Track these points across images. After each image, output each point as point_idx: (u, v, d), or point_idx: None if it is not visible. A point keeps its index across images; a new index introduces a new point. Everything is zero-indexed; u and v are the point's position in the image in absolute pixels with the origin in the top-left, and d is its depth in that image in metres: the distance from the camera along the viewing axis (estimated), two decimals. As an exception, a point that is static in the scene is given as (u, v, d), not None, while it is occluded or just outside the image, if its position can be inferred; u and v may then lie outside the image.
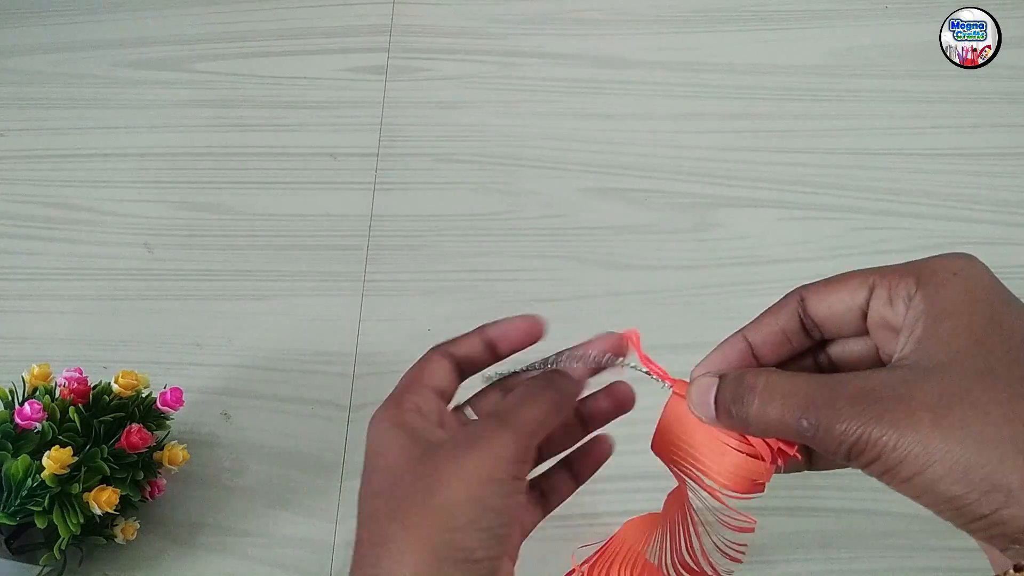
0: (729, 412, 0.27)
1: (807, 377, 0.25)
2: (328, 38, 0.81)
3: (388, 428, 0.29)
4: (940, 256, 0.25)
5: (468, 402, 0.33)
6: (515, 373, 0.33)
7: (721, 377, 0.28)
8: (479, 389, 0.34)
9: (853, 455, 0.23)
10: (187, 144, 0.74)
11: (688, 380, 0.30)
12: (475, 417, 0.33)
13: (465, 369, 0.33)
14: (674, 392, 0.30)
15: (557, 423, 0.30)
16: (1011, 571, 0.20)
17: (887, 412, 0.22)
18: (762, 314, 0.29)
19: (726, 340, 0.30)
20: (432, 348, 0.32)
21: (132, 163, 0.73)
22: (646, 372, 0.31)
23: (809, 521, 0.53)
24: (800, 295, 0.28)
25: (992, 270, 0.24)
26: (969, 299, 0.23)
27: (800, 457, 0.28)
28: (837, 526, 0.52)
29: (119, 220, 0.70)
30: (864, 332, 0.27)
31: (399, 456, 0.28)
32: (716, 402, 0.28)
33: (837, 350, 0.30)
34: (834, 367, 0.30)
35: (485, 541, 0.26)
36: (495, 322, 0.33)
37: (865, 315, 0.26)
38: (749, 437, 0.28)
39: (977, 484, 0.20)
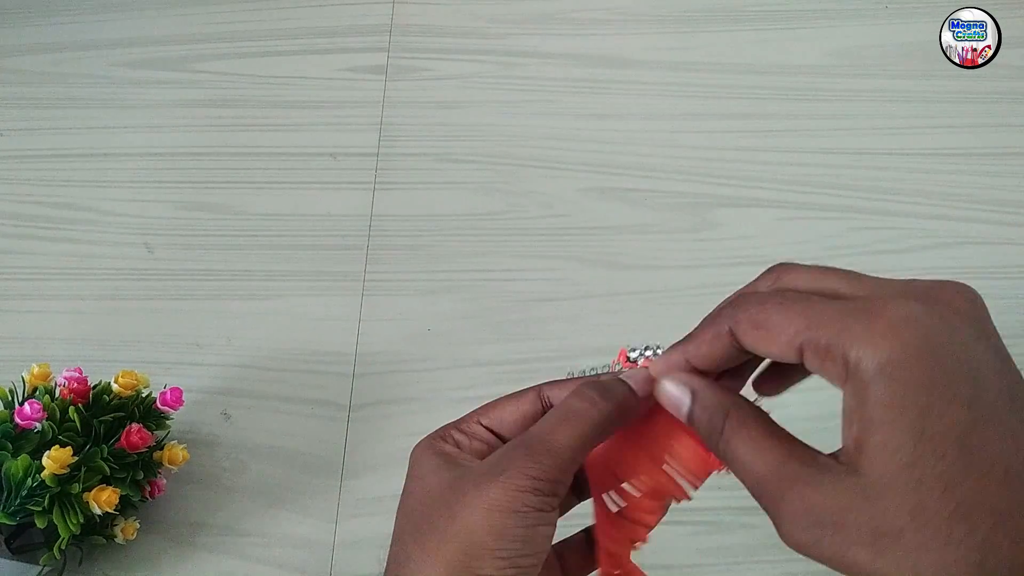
0: (703, 435, 0.27)
1: (769, 449, 0.24)
2: (328, 38, 0.81)
3: (429, 455, 0.30)
4: (874, 325, 0.22)
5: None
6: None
7: (694, 395, 0.27)
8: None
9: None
10: (187, 144, 0.74)
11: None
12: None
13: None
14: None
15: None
16: None
17: (827, 539, 0.22)
18: (696, 333, 0.27)
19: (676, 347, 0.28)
20: (538, 384, 0.31)
21: (132, 163, 0.73)
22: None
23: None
24: (728, 328, 0.25)
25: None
26: (898, 404, 0.21)
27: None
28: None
29: (119, 220, 0.70)
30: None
31: (432, 480, 0.28)
32: (691, 418, 0.27)
33: None
34: None
35: (504, 570, 0.26)
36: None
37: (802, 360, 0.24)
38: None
39: None
